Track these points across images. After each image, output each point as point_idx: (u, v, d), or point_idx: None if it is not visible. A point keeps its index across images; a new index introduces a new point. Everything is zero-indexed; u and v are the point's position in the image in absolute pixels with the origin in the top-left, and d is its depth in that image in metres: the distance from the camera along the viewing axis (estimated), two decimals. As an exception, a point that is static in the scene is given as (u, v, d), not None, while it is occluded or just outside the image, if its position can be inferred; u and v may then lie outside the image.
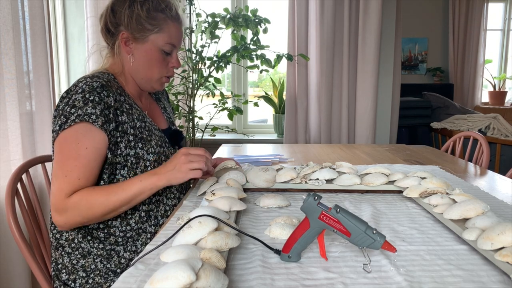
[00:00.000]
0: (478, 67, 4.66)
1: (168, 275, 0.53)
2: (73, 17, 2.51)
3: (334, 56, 2.74)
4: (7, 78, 1.56)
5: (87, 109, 0.94)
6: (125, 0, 1.06)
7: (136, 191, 0.95)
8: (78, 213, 0.93)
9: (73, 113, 0.94)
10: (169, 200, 1.12)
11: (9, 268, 1.59)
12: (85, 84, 0.97)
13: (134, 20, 1.05)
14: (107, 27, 1.08)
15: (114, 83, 1.05)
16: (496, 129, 3.13)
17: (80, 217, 0.94)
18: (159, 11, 1.06)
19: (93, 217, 0.95)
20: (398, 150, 1.91)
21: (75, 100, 0.95)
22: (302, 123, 2.83)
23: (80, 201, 0.93)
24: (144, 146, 1.04)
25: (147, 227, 1.06)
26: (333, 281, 0.65)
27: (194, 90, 2.46)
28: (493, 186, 1.29)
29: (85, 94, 0.95)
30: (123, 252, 1.03)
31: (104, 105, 0.96)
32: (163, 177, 0.96)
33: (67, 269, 1.03)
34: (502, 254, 0.67)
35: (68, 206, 0.93)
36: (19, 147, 1.60)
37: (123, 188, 0.95)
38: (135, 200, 0.97)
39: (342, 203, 1.06)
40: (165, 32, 1.07)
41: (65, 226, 0.96)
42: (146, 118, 1.10)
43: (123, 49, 1.08)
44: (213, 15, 2.33)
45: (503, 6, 4.87)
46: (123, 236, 1.04)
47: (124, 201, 0.95)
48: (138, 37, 1.06)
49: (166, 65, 1.11)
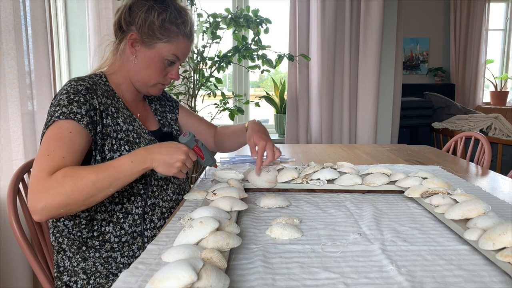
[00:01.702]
0: (479, 67, 4.66)
1: (170, 275, 0.53)
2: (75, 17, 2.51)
3: (335, 56, 2.74)
4: (8, 78, 1.56)
5: (72, 108, 0.93)
6: (145, 3, 1.06)
7: (127, 171, 0.90)
8: (62, 190, 0.83)
9: (57, 111, 0.93)
10: (165, 203, 1.10)
11: (11, 268, 1.59)
12: (70, 86, 0.97)
13: (147, 25, 1.04)
14: (120, 23, 1.08)
15: (102, 87, 1.04)
16: (497, 129, 3.12)
17: (63, 196, 0.83)
18: (173, 24, 1.06)
19: (79, 196, 0.84)
20: (399, 150, 1.91)
21: (60, 100, 0.95)
22: (303, 123, 2.83)
23: (65, 178, 0.84)
24: (130, 149, 1.02)
25: (142, 230, 1.04)
26: (334, 281, 0.65)
27: (196, 90, 2.46)
28: (494, 186, 1.29)
29: (69, 95, 0.95)
30: (120, 258, 1.02)
31: (89, 106, 0.96)
32: (154, 164, 0.93)
33: (68, 271, 1.02)
34: (504, 255, 0.67)
35: (50, 184, 0.83)
36: (20, 147, 1.60)
37: (114, 166, 0.89)
38: (123, 180, 0.90)
39: (343, 203, 1.06)
40: (173, 44, 1.07)
41: (44, 210, 0.83)
42: (134, 122, 1.08)
43: (128, 49, 1.07)
44: (215, 15, 2.33)
45: (504, 6, 4.87)
46: (118, 242, 1.01)
47: (113, 180, 0.88)
48: (146, 42, 1.06)
49: (165, 75, 1.11)
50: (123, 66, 1.10)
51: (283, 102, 3.01)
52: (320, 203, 1.07)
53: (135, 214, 1.04)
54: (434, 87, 4.43)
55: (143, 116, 1.18)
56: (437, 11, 4.63)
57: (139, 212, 1.04)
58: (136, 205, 1.04)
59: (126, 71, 1.10)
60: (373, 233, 0.85)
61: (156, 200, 1.08)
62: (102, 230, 1.01)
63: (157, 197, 1.09)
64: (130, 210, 1.03)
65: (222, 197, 0.94)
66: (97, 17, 2.29)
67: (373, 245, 0.79)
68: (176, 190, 1.15)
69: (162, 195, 1.10)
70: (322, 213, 0.99)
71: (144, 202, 1.05)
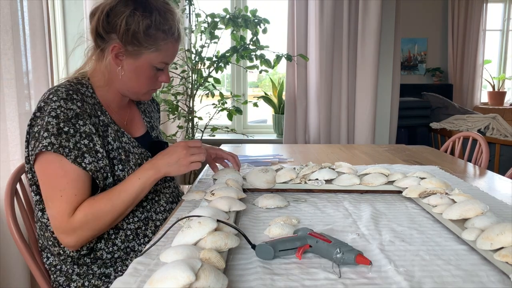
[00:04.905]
0: (477, 67, 4.67)
1: (168, 275, 0.53)
2: (73, 17, 2.51)
3: (333, 56, 2.74)
4: (6, 78, 1.56)
5: (62, 142, 0.89)
6: (125, 8, 0.95)
7: (138, 189, 0.94)
8: (88, 227, 0.90)
9: (45, 137, 0.88)
10: (158, 215, 1.07)
11: (8, 268, 1.59)
12: (60, 108, 0.91)
13: (130, 34, 0.95)
14: (97, 31, 0.98)
15: (89, 100, 0.98)
16: (495, 129, 3.13)
17: (91, 231, 0.91)
18: (160, 31, 0.98)
19: (104, 226, 0.93)
20: (397, 150, 1.91)
21: (48, 123, 0.89)
22: (302, 123, 2.83)
23: (86, 217, 0.89)
24: (124, 168, 1.00)
25: (135, 245, 1.01)
26: (333, 282, 0.65)
27: (194, 91, 2.46)
28: (492, 186, 1.29)
29: (59, 122, 0.90)
30: (114, 274, 0.99)
31: (79, 135, 0.91)
32: (161, 170, 0.96)
33: (62, 272, 1.01)
34: (502, 254, 0.67)
35: (75, 225, 0.89)
36: (18, 147, 1.60)
37: (125, 190, 0.93)
38: (138, 197, 0.96)
39: (341, 203, 1.06)
40: (161, 52, 1.00)
41: (77, 244, 0.92)
42: (123, 137, 1.04)
43: (112, 60, 0.99)
44: (213, 15, 2.33)
45: (502, 6, 4.88)
46: (111, 258, 0.99)
47: (128, 202, 0.94)
48: (131, 52, 0.98)
49: (155, 80, 1.05)
50: (109, 77, 1.02)
51: (281, 102, 3.01)
52: (319, 203, 1.07)
53: (127, 230, 1.01)
54: (432, 87, 4.43)
55: (130, 121, 1.13)
56: (435, 11, 4.64)
57: (131, 227, 1.01)
58: (127, 221, 1.01)
59: (112, 81, 1.03)
60: (372, 233, 0.86)
61: (149, 213, 1.05)
62: (93, 247, 0.98)
63: (150, 210, 1.06)
64: (121, 226, 1.00)
65: (220, 197, 0.94)
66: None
67: (372, 245, 0.80)
68: (169, 199, 1.12)
69: (155, 207, 1.07)
70: (320, 213, 0.99)
71: (136, 217, 1.02)
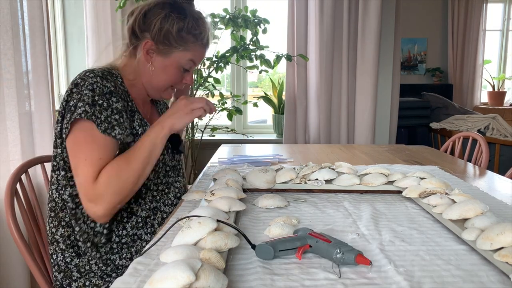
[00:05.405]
0: (477, 68, 4.67)
1: (168, 275, 0.53)
2: (73, 17, 2.51)
3: (333, 56, 2.74)
4: (6, 78, 1.56)
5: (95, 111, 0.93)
6: (161, 10, 1.03)
7: (149, 146, 0.95)
8: (112, 190, 0.90)
9: (80, 106, 0.92)
10: (166, 207, 1.10)
11: (9, 268, 1.59)
12: (96, 84, 0.95)
13: (162, 34, 1.02)
14: (133, 29, 1.05)
15: (120, 88, 1.03)
16: (495, 129, 3.13)
17: (116, 195, 0.91)
18: (190, 34, 1.05)
19: (128, 189, 0.93)
20: (397, 150, 1.91)
21: (84, 94, 0.93)
22: (302, 123, 2.83)
23: (109, 179, 0.90)
24: None
25: (143, 234, 1.04)
26: (333, 282, 0.65)
27: (194, 91, 2.46)
28: (492, 186, 1.29)
29: (94, 95, 0.94)
30: (118, 260, 1.02)
31: (111, 110, 0.95)
32: (165, 124, 0.97)
33: (60, 267, 1.01)
34: (502, 254, 0.67)
35: (99, 190, 0.90)
36: (18, 147, 1.60)
37: (138, 148, 0.95)
38: (152, 155, 0.96)
39: (341, 203, 1.06)
40: (190, 51, 1.06)
41: (106, 212, 0.92)
42: (146, 126, 1.08)
43: (143, 56, 1.05)
44: (213, 16, 2.33)
45: (502, 6, 4.88)
46: (118, 242, 1.01)
47: (144, 160, 0.94)
48: (161, 50, 1.04)
49: (180, 80, 1.11)
50: (138, 71, 1.08)
51: (281, 102, 3.01)
52: (319, 203, 1.07)
53: (139, 217, 1.04)
54: (432, 87, 4.43)
55: (151, 118, 1.18)
56: (435, 11, 4.64)
57: (142, 215, 1.05)
58: (142, 208, 1.04)
59: (141, 76, 1.08)
60: (371, 233, 0.86)
61: (158, 204, 1.09)
62: (109, 227, 1.00)
63: (159, 201, 1.09)
64: (135, 211, 1.04)
65: (220, 197, 0.94)
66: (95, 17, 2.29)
67: (371, 245, 0.80)
68: (178, 194, 1.15)
69: (164, 198, 1.11)
70: (320, 213, 0.99)
71: (147, 204, 1.06)
